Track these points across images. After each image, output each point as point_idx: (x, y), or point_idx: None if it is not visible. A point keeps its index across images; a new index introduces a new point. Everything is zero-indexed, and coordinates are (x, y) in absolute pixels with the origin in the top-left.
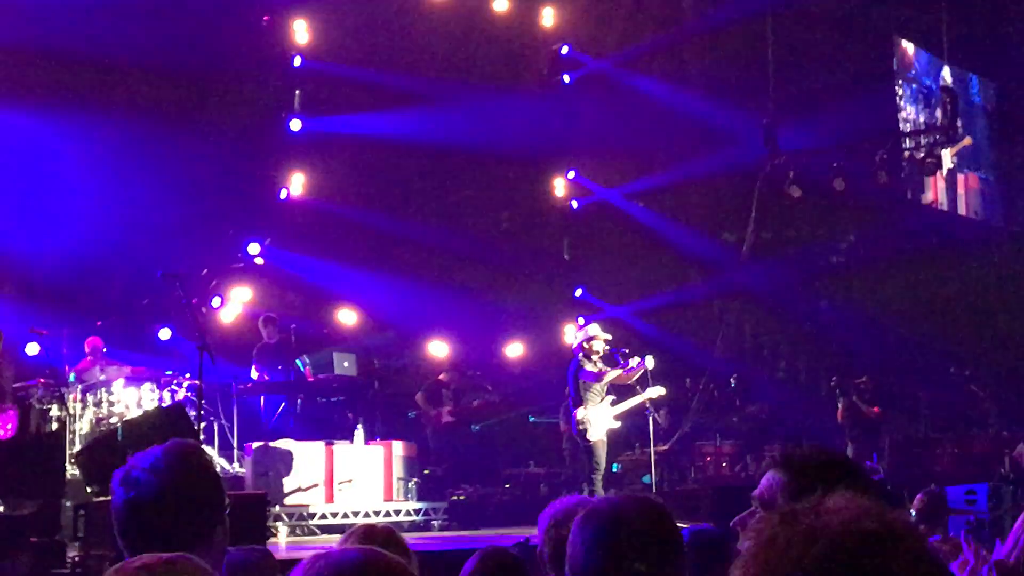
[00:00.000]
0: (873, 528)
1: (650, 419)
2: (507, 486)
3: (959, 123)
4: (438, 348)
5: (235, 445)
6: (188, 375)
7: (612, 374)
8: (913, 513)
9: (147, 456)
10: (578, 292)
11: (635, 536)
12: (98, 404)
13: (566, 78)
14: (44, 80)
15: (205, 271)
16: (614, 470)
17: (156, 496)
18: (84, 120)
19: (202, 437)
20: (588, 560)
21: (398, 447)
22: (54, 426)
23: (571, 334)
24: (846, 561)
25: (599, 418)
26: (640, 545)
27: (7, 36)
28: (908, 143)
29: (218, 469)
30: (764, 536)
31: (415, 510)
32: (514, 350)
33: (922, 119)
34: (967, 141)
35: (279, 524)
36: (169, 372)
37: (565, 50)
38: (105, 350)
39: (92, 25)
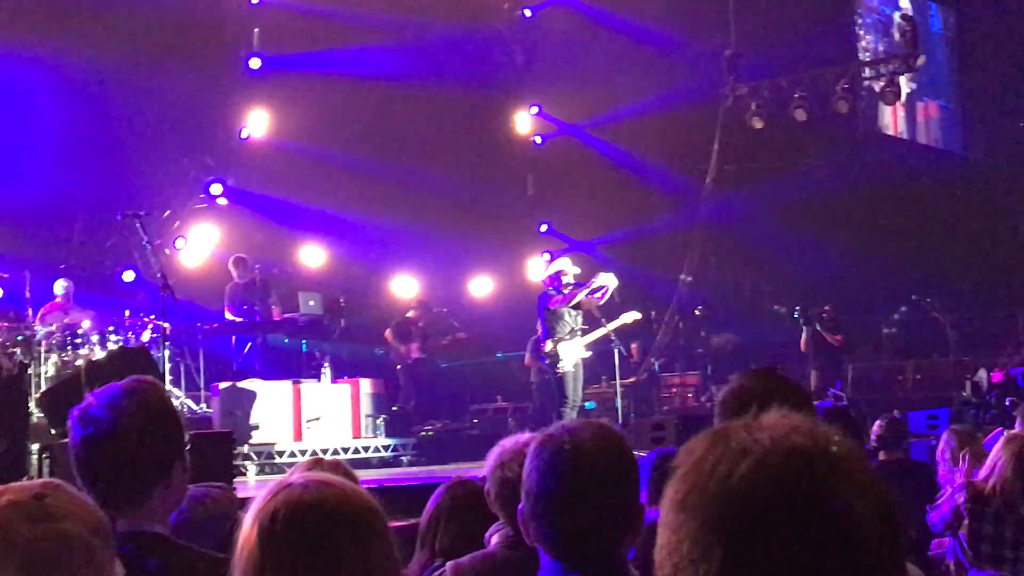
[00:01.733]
0: (804, 443)
1: (615, 351)
2: (475, 421)
3: (920, 53)
4: (404, 285)
5: (202, 386)
6: (153, 316)
7: (579, 295)
8: (873, 438)
9: (104, 393)
10: (543, 227)
11: (591, 461)
12: (63, 347)
13: (527, 12)
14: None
15: (167, 212)
16: (588, 407)
17: (113, 432)
18: (39, 60)
19: (169, 378)
20: (543, 486)
21: (366, 384)
22: (17, 369)
23: (537, 269)
24: (775, 476)
25: (569, 349)
26: (596, 470)
27: None
28: (868, 72)
29: (184, 409)
30: (695, 455)
31: (384, 446)
32: (480, 286)
33: (881, 48)
34: (921, 60)
35: (248, 463)
36: (128, 313)
37: None
38: (70, 292)
39: None
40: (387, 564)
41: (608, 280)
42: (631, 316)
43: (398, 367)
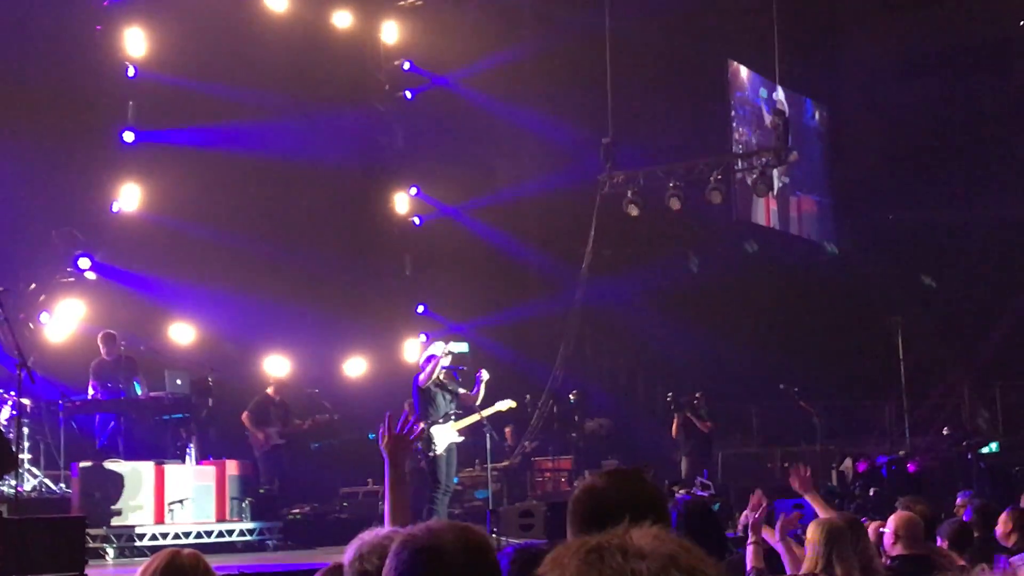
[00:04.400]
0: None
1: (487, 435)
2: (345, 504)
3: (792, 147)
4: (276, 364)
5: (62, 465)
6: (13, 393)
7: (431, 367)
8: (740, 528)
9: None
10: (420, 308)
11: (451, 567)
12: None
13: (408, 94)
14: None
15: (33, 285)
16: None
17: None
18: None
19: (28, 456)
20: None
21: (231, 466)
22: None
23: (413, 350)
24: None
25: (442, 432)
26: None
27: None
28: (741, 164)
29: (43, 489)
30: (568, 573)
31: (249, 530)
32: (355, 367)
33: (755, 140)
34: (793, 157)
35: (107, 546)
36: None
37: (407, 66)
38: None
39: None
40: None
41: (482, 376)
42: (506, 404)
43: (258, 450)
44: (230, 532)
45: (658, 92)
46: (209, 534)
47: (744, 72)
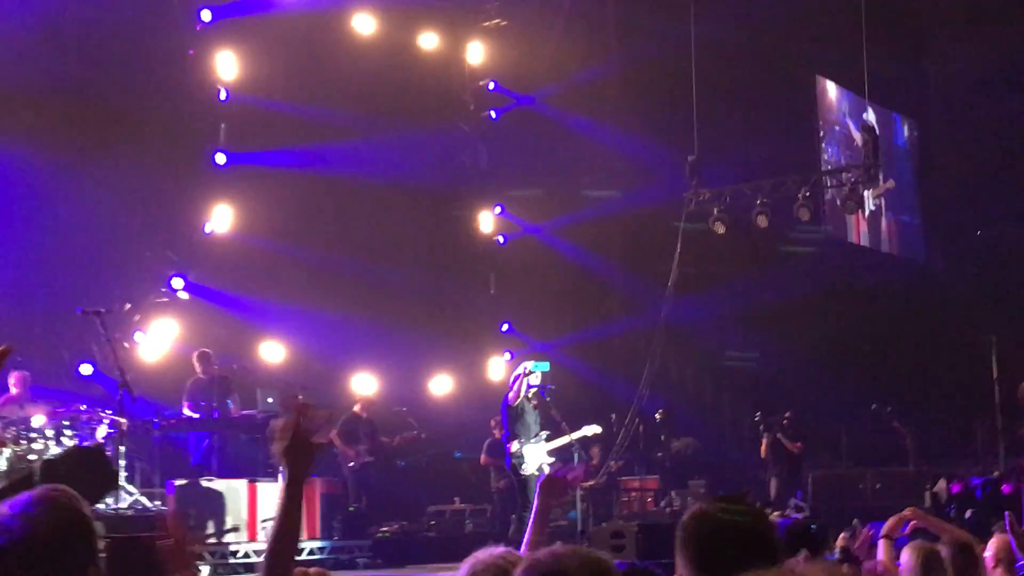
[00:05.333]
0: None
1: (576, 456)
2: (432, 523)
3: (881, 164)
4: (364, 382)
5: (157, 483)
6: (109, 412)
7: (518, 386)
8: (837, 551)
9: (17, 502)
10: (504, 327)
11: None
12: (16, 441)
13: (492, 113)
14: None
15: (128, 306)
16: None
17: (24, 541)
18: (1, 152)
19: (124, 474)
20: None
21: (321, 484)
22: None
23: (497, 369)
24: None
25: (533, 452)
26: None
27: None
28: (829, 181)
29: (139, 506)
30: None
31: (339, 547)
32: (440, 385)
33: (844, 160)
34: (889, 184)
35: (201, 563)
36: (84, 407)
37: (492, 86)
38: (27, 385)
39: (10, 53)
40: None
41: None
42: (592, 429)
43: (347, 467)
44: (321, 550)
45: (744, 109)
46: (300, 552)
47: (832, 88)
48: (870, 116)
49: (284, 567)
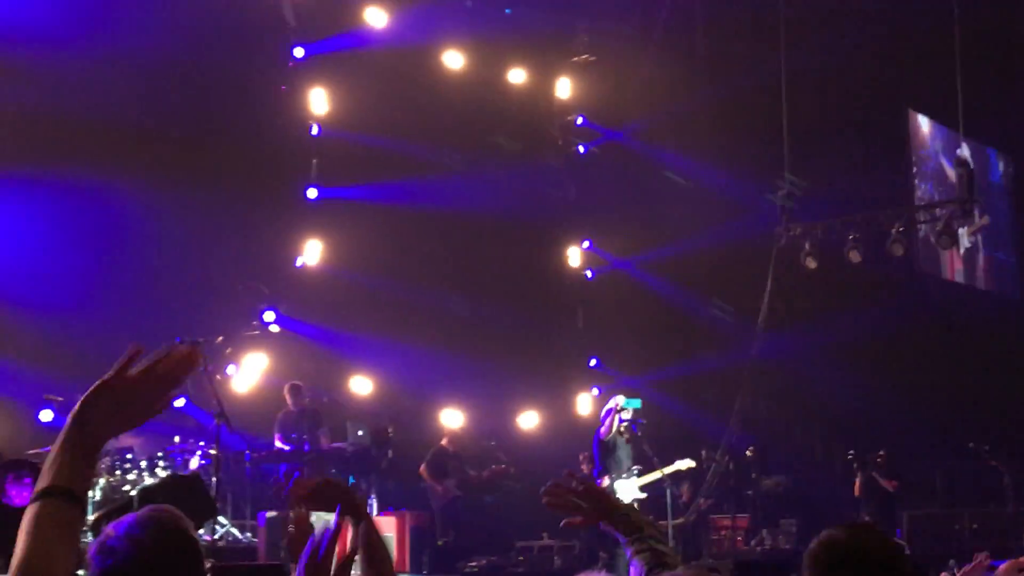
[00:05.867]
0: None
1: (667, 492)
2: (520, 558)
3: (976, 199)
4: (452, 417)
5: (248, 514)
6: (202, 443)
7: (610, 421)
8: None
9: (122, 524)
10: (592, 362)
11: None
12: (111, 471)
13: (581, 148)
14: (61, 144)
15: (220, 338)
16: None
17: (131, 563)
18: (97, 184)
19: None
20: None
21: (411, 517)
22: None
23: (585, 404)
24: None
25: (625, 488)
26: None
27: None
28: (923, 216)
29: (229, 538)
30: None
31: None
32: (528, 420)
33: (937, 194)
34: (985, 221)
35: None
36: (177, 439)
37: (580, 120)
38: None
39: (112, 93)
40: None
41: (627, 404)
42: (685, 464)
43: (433, 502)
44: None
45: (836, 142)
46: None
47: (925, 123)
48: (964, 151)
49: None
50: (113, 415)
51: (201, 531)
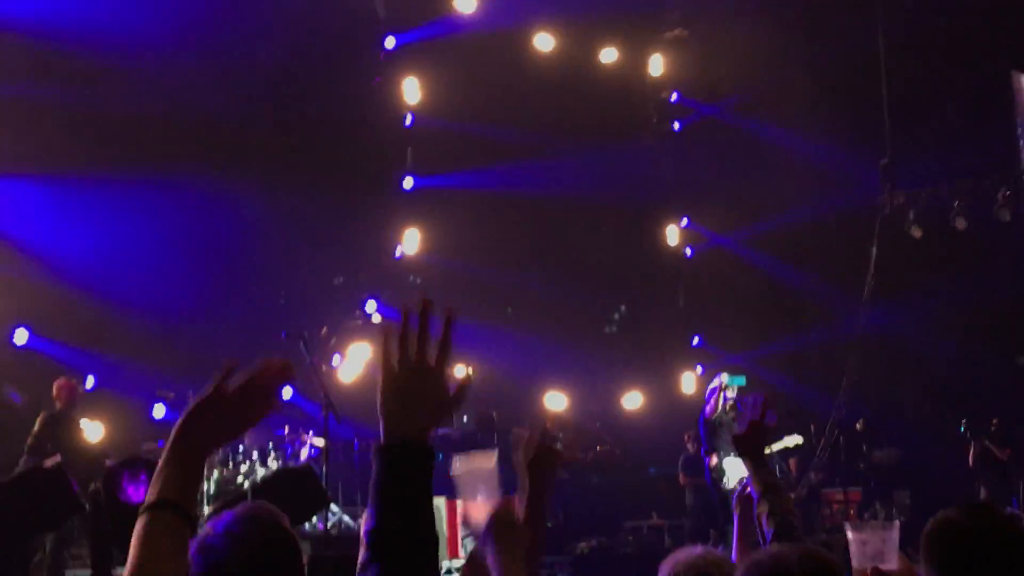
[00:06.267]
0: None
1: (776, 468)
2: (630, 538)
3: None
4: (556, 400)
5: (358, 501)
6: (311, 432)
7: (715, 400)
8: None
9: (220, 522)
10: (695, 340)
11: None
12: (223, 464)
13: (676, 125)
14: (169, 148)
15: (325, 329)
16: None
17: (231, 560)
18: (205, 186)
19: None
20: None
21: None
22: None
23: (689, 383)
24: None
25: (733, 466)
26: None
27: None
28: None
29: (342, 525)
30: None
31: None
32: (632, 400)
33: None
34: None
35: None
36: (287, 429)
37: (674, 97)
38: None
39: (215, 95)
40: None
41: (731, 382)
42: (793, 440)
43: None
44: None
45: (938, 107)
46: None
47: None
48: None
49: None
50: (214, 428)
51: (314, 520)
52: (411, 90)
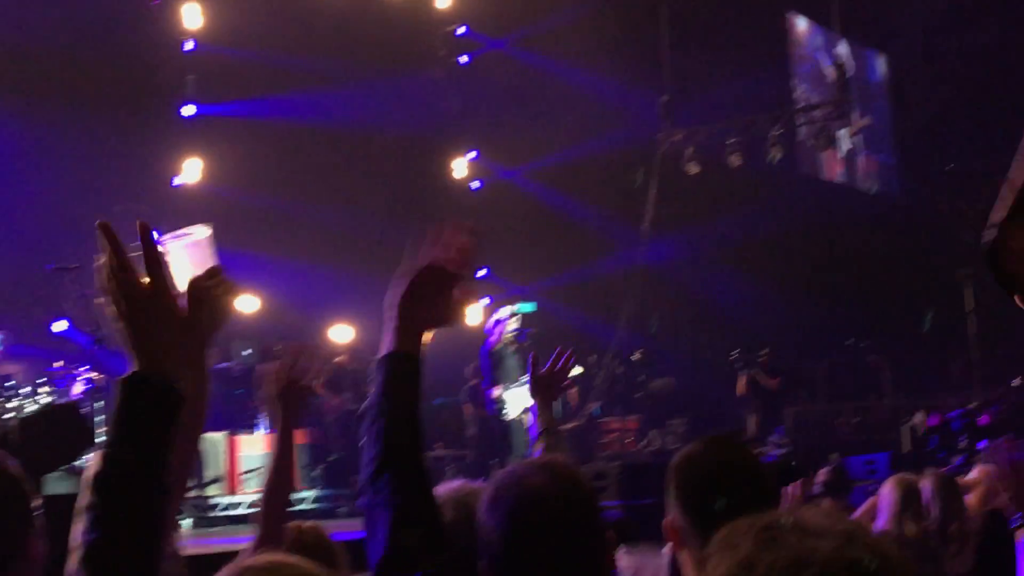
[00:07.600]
0: (862, 557)
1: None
2: None
3: (853, 100)
4: (341, 333)
5: None
6: (86, 367)
7: (503, 330)
8: (819, 486)
9: None
10: (482, 272)
11: (550, 511)
12: None
13: (464, 58)
14: None
15: (99, 260)
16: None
17: None
18: None
19: (102, 429)
20: (508, 544)
21: (301, 435)
22: None
23: (474, 315)
24: None
25: (516, 397)
26: (556, 520)
27: None
28: (801, 119)
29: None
30: (739, 554)
31: (321, 497)
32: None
33: (816, 96)
34: (865, 121)
35: (181, 517)
36: (59, 363)
37: (462, 31)
38: (2, 343)
39: None
40: None
41: (521, 309)
42: (575, 370)
43: (328, 417)
44: (302, 500)
45: (715, 48)
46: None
47: (803, 24)
48: (842, 51)
49: (280, 517)
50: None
51: (84, 458)
52: (192, 15)
